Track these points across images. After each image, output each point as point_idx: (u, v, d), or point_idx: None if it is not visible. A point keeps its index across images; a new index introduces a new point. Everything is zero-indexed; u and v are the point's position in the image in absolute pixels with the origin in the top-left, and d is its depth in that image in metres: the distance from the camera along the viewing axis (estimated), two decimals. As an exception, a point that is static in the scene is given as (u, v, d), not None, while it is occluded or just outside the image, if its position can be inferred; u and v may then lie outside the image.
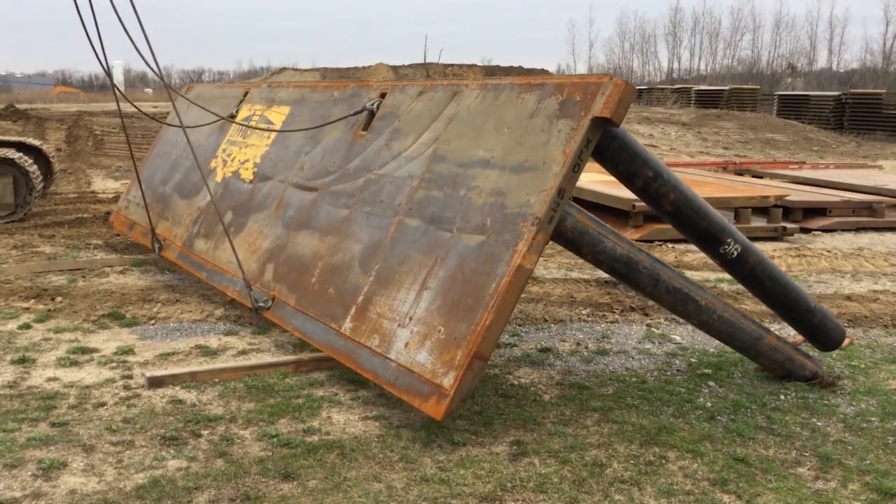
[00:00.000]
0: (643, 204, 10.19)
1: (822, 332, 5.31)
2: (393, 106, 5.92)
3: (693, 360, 5.66)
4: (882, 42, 61.31)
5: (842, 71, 65.40)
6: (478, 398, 4.83)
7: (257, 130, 7.41)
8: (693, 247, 9.73)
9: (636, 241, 10.10)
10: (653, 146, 24.32)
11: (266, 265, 6.09)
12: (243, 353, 5.64)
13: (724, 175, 15.34)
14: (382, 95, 6.10)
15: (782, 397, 4.97)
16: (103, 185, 14.62)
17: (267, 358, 5.49)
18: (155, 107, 26.26)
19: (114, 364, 5.37)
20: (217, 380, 5.05)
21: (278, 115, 7.42)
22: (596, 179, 12.33)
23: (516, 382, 5.15)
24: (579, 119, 4.34)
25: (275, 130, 7.19)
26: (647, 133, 26.23)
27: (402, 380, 4.39)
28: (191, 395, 4.82)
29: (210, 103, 7.88)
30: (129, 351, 5.62)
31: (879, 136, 30.08)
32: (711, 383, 5.19)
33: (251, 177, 7.12)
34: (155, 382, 4.97)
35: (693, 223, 4.83)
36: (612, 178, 13.23)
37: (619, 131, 4.49)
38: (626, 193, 10.72)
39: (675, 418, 4.60)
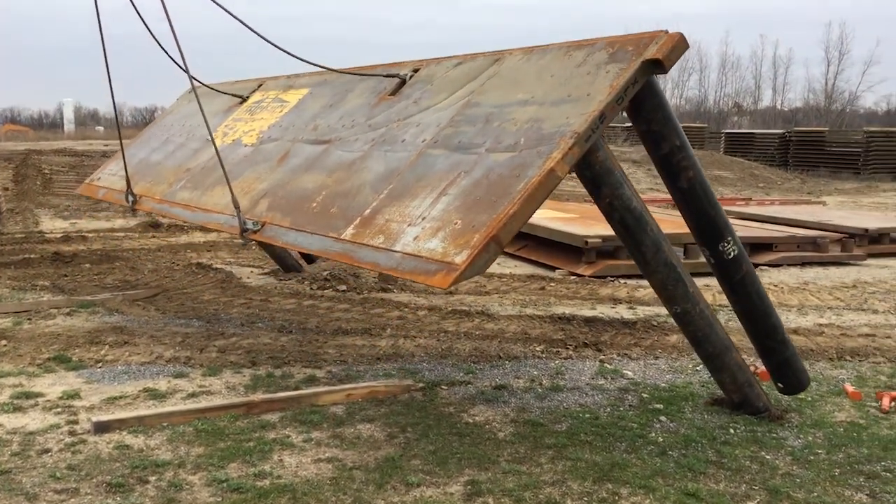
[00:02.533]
0: (596, 240, 10.44)
1: (791, 370, 5.26)
2: (427, 76, 5.74)
3: (645, 395, 5.71)
4: (824, 81, 63.46)
5: (786, 109, 67.41)
6: (432, 437, 4.81)
7: (268, 108, 7.34)
8: (646, 283, 9.89)
9: (589, 276, 10.23)
10: (605, 183, 24.72)
11: (260, 201, 5.73)
12: (193, 395, 5.55)
13: (673, 211, 15.65)
14: (416, 70, 5.93)
15: (732, 431, 5.03)
16: (51, 224, 14.35)
17: (217, 400, 5.40)
18: (106, 145, 25.95)
19: (59, 409, 5.23)
20: (165, 424, 4.95)
21: (295, 96, 7.32)
22: (550, 216, 12.49)
23: (471, 420, 5.14)
24: (629, 61, 4.30)
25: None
26: (599, 170, 26.65)
27: (407, 264, 4.12)
28: (138, 440, 4.71)
29: (218, 96, 7.98)
30: (74, 395, 5.49)
31: (823, 172, 31.02)
32: (663, 418, 5.25)
33: (254, 141, 6.93)
34: (101, 427, 4.85)
35: (702, 209, 4.80)
36: (565, 216, 13.33)
37: (661, 91, 4.53)
38: (580, 230, 10.87)
39: (628, 454, 4.63)
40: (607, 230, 10.86)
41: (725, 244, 4.89)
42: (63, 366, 6.14)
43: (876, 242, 12.64)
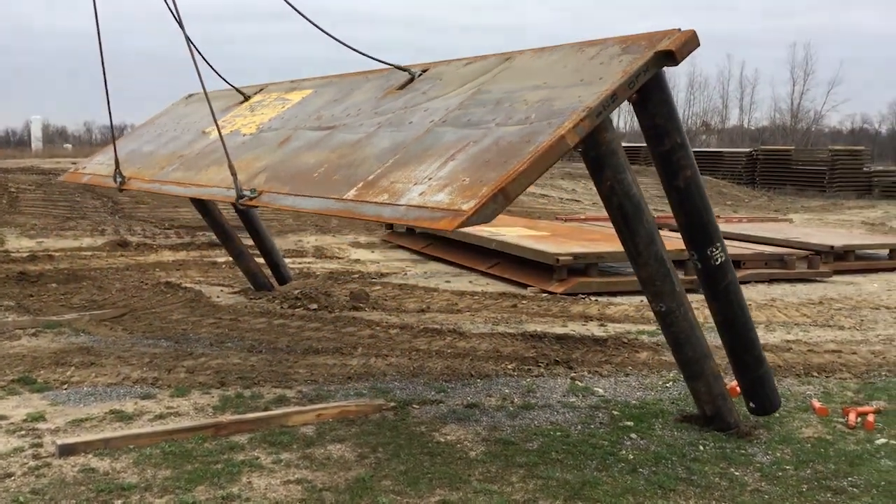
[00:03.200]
0: (568, 257, 10.50)
1: (764, 389, 5.27)
2: (437, 73, 5.83)
3: (615, 412, 5.73)
4: (790, 101, 64.56)
5: (753, 128, 68.42)
6: (403, 457, 4.78)
7: (269, 106, 7.37)
8: (617, 299, 9.97)
9: (561, 294, 10.27)
10: (576, 201, 24.89)
11: (258, 175, 5.69)
12: (160, 417, 5.47)
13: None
14: (425, 70, 6.03)
15: (701, 448, 5.06)
16: (17, 243, 14.13)
17: (185, 422, 5.33)
18: (73, 162, 25.66)
19: (23, 432, 5.13)
20: (132, 446, 4.87)
21: (298, 95, 7.37)
22: (522, 234, 12.55)
23: (443, 440, 5.12)
24: (642, 52, 4.40)
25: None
26: (570, 188, 26.86)
27: (412, 213, 4.15)
28: (104, 463, 4.63)
29: (218, 98, 7.99)
30: (39, 417, 5.39)
31: (789, 190, 31.49)
32: (633, 435, 5.26)
33: (253, 131, 6.92)
34: (66, 450, 4.76)
35: (696, 210, 4.87)
36: (537, 234, 13.40)
37: (669, 88, 4.62)
38: (552, 248, 10.93)
39: (599, 472, 4.63)
40: (579, 248, 11.00)
41: (714, 249, 4.96)
42: (28, 387, 6.03)
43: (841, 259, 12.84)
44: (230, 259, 12.69)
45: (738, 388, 6.07)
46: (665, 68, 4.51)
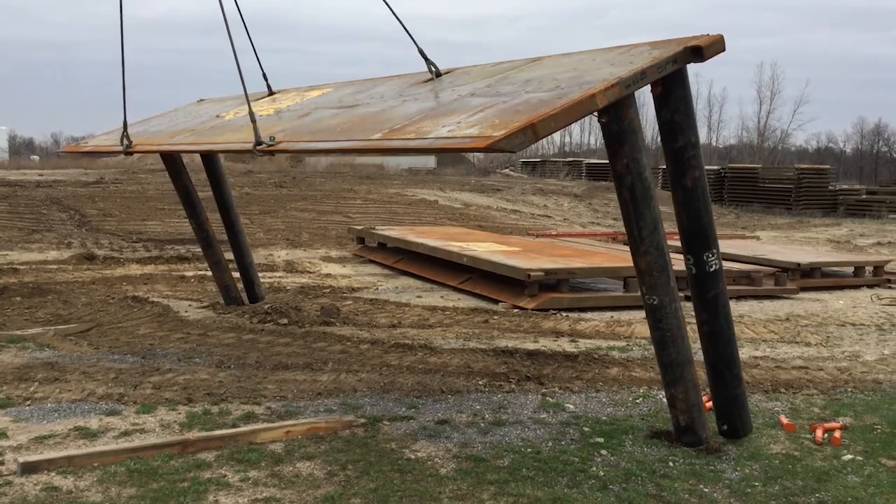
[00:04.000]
0: (539, 273, 10.52)
1: (738, 410, 5.27)
2: (463, 71, 6.11)
3: (586, 428, 5.74)
4: (757, 120, 65.56)
5: (721, 146, 69.40)
6: (373, 474, 4.74)
7: (289, 98, 7.59)
8: (588, 315, 10.01)
9: (532, 309, 10.29)
10: (547, 216, 25.03)
11: (278, 134, 5.78)
12: (126, 434, 5.37)
13: (614, 245, 15.90)
14: (449, 72, 6.32)
15: (671, 464, 5.08)
16: (-20, 256, 13.87)
17: (151, 439, 5.24)
18: (41, 174, 25.30)
19: (-17, 450, 5.01)
20: (96, 464, 4.77)
21: (317, 91, 7.55)
22: (493, 249, 12.57)
23: (413, 457, 5.08)
24: (672, 47, 4.67)
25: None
26: (541, 204, 27.01)
27: (440, 142, 4.28)
28: (67, 482, 4.53)
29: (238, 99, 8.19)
30: (1, 435, 5.26)
31: (757, 207, 31.94)
32: (604, 452, 5.27)
33: (271, 112, 7.03)
34: (28, 468, 4.65)
35: (699, 213, 4.99)
36: (508, 249, 13.40)
37: (689, 88, 4.84)
38: (523, 263, 10.96)
39: (570, 489, 4.63)
40: (550, 263, 11.04)
41: (710, 255, 5.04)
42: (-12, 404, 5.90)
43: (808, 276, 13.02)
44: (199, 273, 12.59)
45: (707, 405, 6.12)
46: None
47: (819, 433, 5.63)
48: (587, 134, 76.05)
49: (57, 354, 7.35)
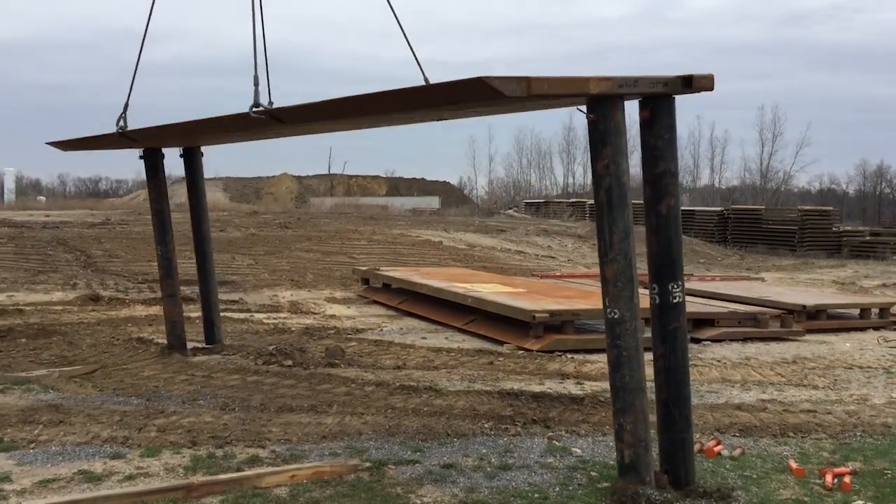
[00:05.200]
0: (544, 314, 10.50)
1: (684, 455, 5.11)
2: None
3: (594, 473, 5.68)
4: (759, 161, 65.90)
5: (724, 188, 69.66)
6: (379, 520, 4.69)
7: None
8: (593, 357, 9.96)
9: (537, 351, 10.25)
10: (551, 257, 25.05)
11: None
12: (130, 478, 5.34)
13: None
14: None
15: (680, 510, 5.02)
16: (-14, 296, 13.90)
17: (155, 483, 5.21)
18: (47, 215, 25.44)
19: (-14, 493, 4.98)
20: (101, 508, 4.74)
21: None
22: (498, 290, 12.57)
23: (419, 502, 5.04)
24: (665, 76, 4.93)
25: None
26: (545, 245, 27.05)
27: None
28: (71, 527, 4.50)
29: None
30: (5, 478, 5.24)
31: (761, 249, 31.93)
32: (612, 497, 5.20)
33: None
34: (31, 513, 4.63)
35: (669, 241, 5.07)
36: (513, 290, 13.38)
37: (675, 119, 5.01)
38: (528, 305, 10.95)
39: (578, 535, 4.57)
40: (555, 305, 11.03)
41: (675, 286, 5.06)
42: (-8, 447, 5.87)
43: (813, 318, 12.95)
44: (201, 315, 12.58)
45: (716, 449, 6.07)
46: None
47: (829, 478, 5.57)
48: (590, 175, 76.42)
49: (61, 396, 7.33)
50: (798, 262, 28.00)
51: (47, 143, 9.32)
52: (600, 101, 4.80)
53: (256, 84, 6.05)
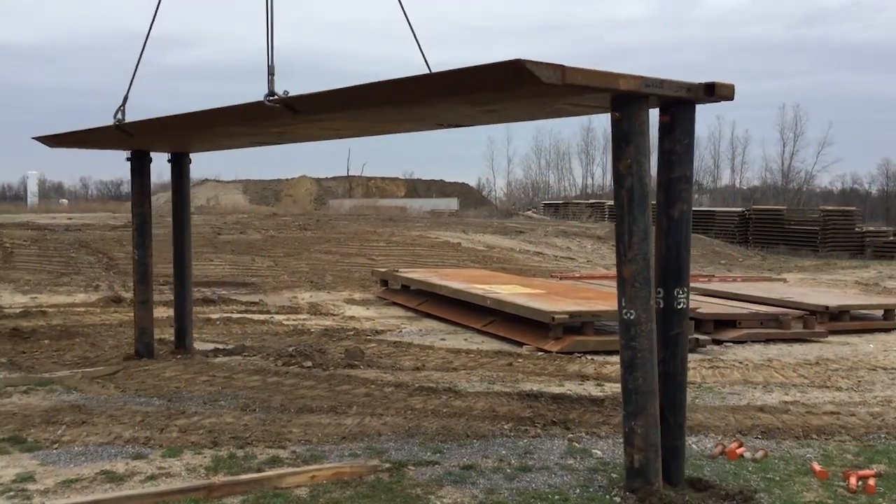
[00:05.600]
0: (563, 315, 10.47)
1: (673, 462, 5.08)
2: None
3: (614, 475, 5.65)
4: (780, 161, 65.36)
5: (744, 188, 69.15)
6: (399, 521, 4.69)
7: None
8: (613, 358, 9.90)
9: (557, 352, 10.22)
10: (570, 258, 24.97)
11: None
12: (152, 478, 5.38)
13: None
14: None
15: (702, 512, 4.98)
16: (11, 299, 14.06)
17: (177, 483, 5.24)
18: (69, 218, 25.70)
19: (11, 493, 5.03)
20: (123, 508, 4.78)
21: None
22: (517, 291, 12.55)
23: (439, 503, 5.03)
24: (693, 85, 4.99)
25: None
26: (564, 246, 26.97)
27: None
28: (94, 526, 4.53)
29: None
30: (29, 478, 5.29)
31: (783, 249, 31.64)
32: (632, 499, 5.17)
33: None
34: (55, 512, 4.67)
35: (679, 246, 5.08)
36: (532, 291, 13.34)
37: (694, 125, 5.10)
38: (547, 306, 10.92)
39: (599, 537, 4.55)
40: (574, 306, 10.99)
41: (681, 291, 5.06)
42: (18, 447, 5.94)
43: (836, 319, 12.83)
44: (224, 315, 12.67)
45: (738, 451, 6.02)
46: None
47: (853, 481, 5.51)
48: (608, 176, 76.19)
49: (84, 397, 7.40)
50: (820, 262, 27.72)
51: (34, 138, 8.95)
52: (626, 99, 4.78)
53: (271, 73, 6.07)
